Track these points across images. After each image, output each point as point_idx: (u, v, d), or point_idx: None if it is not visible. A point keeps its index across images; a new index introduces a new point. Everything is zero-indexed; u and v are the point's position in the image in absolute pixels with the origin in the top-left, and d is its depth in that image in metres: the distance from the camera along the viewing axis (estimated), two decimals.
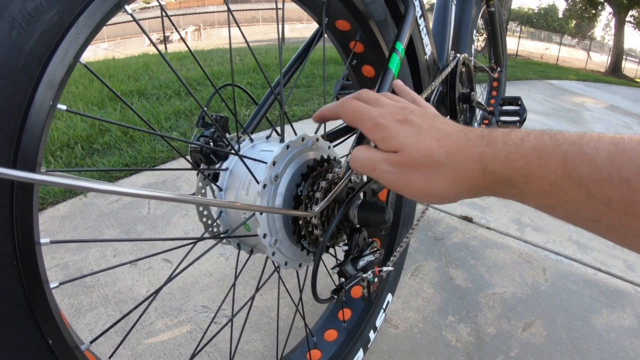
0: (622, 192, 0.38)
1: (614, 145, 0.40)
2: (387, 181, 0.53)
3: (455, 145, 0.49)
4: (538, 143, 0.44)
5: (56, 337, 0.49)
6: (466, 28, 1.90)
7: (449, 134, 0.50)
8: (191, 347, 1.24)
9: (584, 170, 0.40)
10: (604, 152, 0.40)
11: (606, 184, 0.39)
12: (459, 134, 0.50)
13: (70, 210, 1.91)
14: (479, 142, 0.47)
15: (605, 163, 0.39)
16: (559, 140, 0.43)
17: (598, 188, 0.40)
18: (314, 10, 0.93)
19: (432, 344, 1.32)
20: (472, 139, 0.48)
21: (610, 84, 11.13)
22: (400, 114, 0.53)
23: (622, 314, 1.55)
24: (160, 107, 3.32)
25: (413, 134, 0.51)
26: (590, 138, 0.41)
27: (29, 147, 0.43)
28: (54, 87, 0.44)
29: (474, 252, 1.82)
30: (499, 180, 0.47)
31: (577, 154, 0.41)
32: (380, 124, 0.52)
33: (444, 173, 0.49)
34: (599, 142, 0.41)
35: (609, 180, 0.39)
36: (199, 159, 0.73)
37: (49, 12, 0.42)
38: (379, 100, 0.58)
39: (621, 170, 0.38)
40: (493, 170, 0.46)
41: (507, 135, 0.47)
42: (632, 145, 0.39)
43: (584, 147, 0.41)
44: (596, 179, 0.40)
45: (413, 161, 0.50)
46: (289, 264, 0.70)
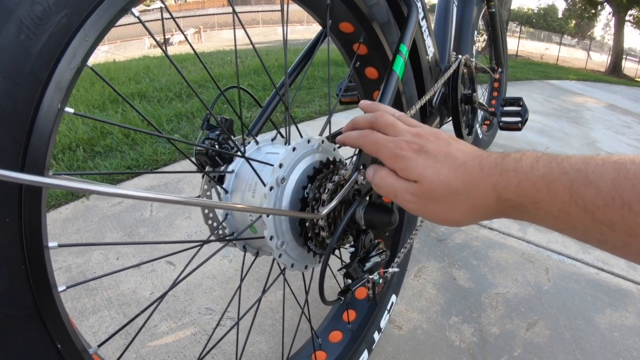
0: (624, 216, 0.41)
1: (616, 171, 0.42)
2: (408, 209, 0.57)
3: (471, 175, 0.52)
4: (546, 171, 0.47)
5: (65, 341, 0.49)
6: (467, 29, 1.90)
7: (464, 162, 0.53)
8: (195, 350, 1.24)
9: (589, 196, 0.43)
10: (608, 178, 0.42)
11: (610, 209, 0.42)
12: (473, 162, 0.53)
13: (73, 213, 1.91)
14: (492, 171, 0.51)
15: (609, 188, 0.42)
16: (565, 168, 0.46)
17: (602, 213, 0.42)
18: (318, 13, 0.93)
19: (436, 345, 1.32)
20: (486, 167, 0.51)
21: (611, 83, 11.12)
22: (417, 144, 0.56)
23: (625, 313, 1.55)
24: (161, 109, 3.32)
25: (430, 164, 0.54)
26: (595, 164, 0.44)
27: (38, 151, 0.43)
28: (62, 90, 0.44)
29: (477, 253, 1.82)
30: (512, 207, 0.50)
31: (582, 181, 0.44)
32: (399, 155, 0.56)
33: (461, 202, 0.53)
34: (603, 167, 0.43)
35: (612, 205, 0.42)
36: (204, 162, 0.73)
37: (57, 15, 0.42)
38: (395, 127, 0.60)
39: (623, 195, 0.41)
40: (506, 197, 0.50)
41: (518, 162, 0.49)
42: (634, 171, 0.41)
43: (589, 175, 0.44)
44: (600, 204, 0.42)
45: (432, 192, 0.53)
46: (295, 266, 0.70)
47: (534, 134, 3.71)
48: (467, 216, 0.54)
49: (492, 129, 2.94)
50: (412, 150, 0.55)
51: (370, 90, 1.14)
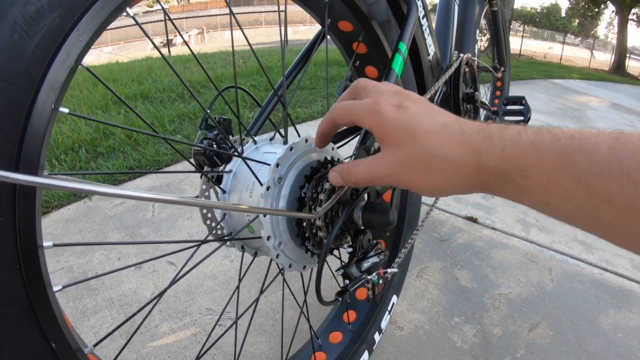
0: (623, 187, 0.37)
1: (614, 139, 0.39)
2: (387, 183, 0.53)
3: (450, 138, 0.48)
4: (536, 137, 0.43)
5: (59, 340, 0.49)
6: (469, 28, 1.89)
7: (444, 124, 0.49)
8: (196, 350, 1.24)
9: (582, 164, 0.39)
10: (604, 146, 0.39)
11: (606, 178, 0.38)
12: (454, 125, 0.49)
13: (75, 213, 1.92)
14: (474, 136, 0.47)
15: (605, 157, 0.38)
16: (557, 135, 0.42)
17: (597, 183, 0.38)
18: (316, 12, 0.93)
19: (438, 346, 1.32)
20: (467, 131, 0.47)
21: (614, 82, 11.08)
22: (396, 99, 0.52)
23: (629, 313, 1.54)
24: (164, 110, 3.33)
25: (407, 124, 0.49)
26: (590, 133, 0.41)
27: (32, 150, 0.43)
28: (56, 90, 0.44)
29: (479, 253, 1.82)
30: (494, 175, 0.46)
31: (575, 147, 0.40)
32: (377, 111, 0.51)
33: (439, 168, 0.48)
34: (599, 136, 0.40)
35: (608, 174, 0.38)
36: (202, 162, 0.73)
37: (50, 15, 0.42)
38: (377, 87, 0.56)
39: (621, 163, 0.37)
40: (488, 164, 0.45)
41: (504, 129, 0.46)
42: (633, 140, 0.38)
43: (584, 141, 0.40)
44: (595, 173, 0.39)
45: (408, 157, 0.49)
46: (293, 266, 0.69)
47: None
48: (447, 184, 0.49)
49: None
50: (390, 105, 0.51)
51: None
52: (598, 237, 0.43)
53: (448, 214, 2.14)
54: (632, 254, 1.89)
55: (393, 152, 0.50)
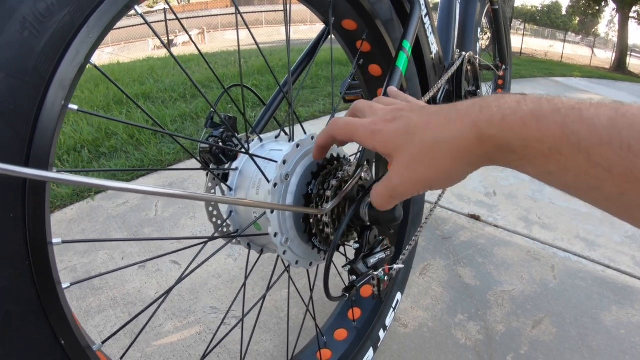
0: (623, 157, 0.37)
1: (614, 110, 0.39)
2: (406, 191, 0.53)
3: (445, 119, 0.48)
4: (535, 107, 0.43)
5: (68, 337, 0.49)
6: (471, 26, 1.89)
7: (438, 110, 0.49)
8: (201, 349, 1.24)
9: (583, 133, 0.39)
10: (604, 116, 0.39)
11: (606, 148, 0.38)
12: (448, 109, 0.49)
13: (78, 213, 1.92)
14: (470, 110, 0.46)
15: (605, 127, 0.38)
16: (557, 105, 0.42)
17: (598, 152, 0.38)
18: (320, 10, 0.93)
19: (442, 343, 1.32)
20: (462, 108, 0.47)
21: (616, 80, 11.07)
22: (390, 115, 0.53)
23: (632, 310, 1.54)
24: (166, 110, 3.33)
25: (404, 129, 0.50)
26: (589, 104, 0.41)
27: (42, 147, 0.43)
28: (65, 87, 0.44)
29: (482, 250, 1.82)
30: (497, 146, 0.45)
31: (576, 117, 0.40)
32: (374, 131, 0.53)
33: (442, 152, 0.48)
34: (599, 107, 0.40)
35: (609, 144, 0.38)
36: (208, 159, 0.73)
37: (60, 13, 0.42)
38: (372, 108, 0.57)
39: (622, 133, 0.37)
40: (490, 134, 0.45)
41: (501, 99, 0.45)
42: (633, 111, 0.38)
43: (584, 112, 0.40)
44: (596, 142, 0.38)
45: (411, 157, 0.49)
46: (299, 263, 0.70)
47: None
48: (454, 167, 0.48)
49: None
50: (387, 121, 0.52)
51: (374, 88, 1.14)
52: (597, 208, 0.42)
53: (451, 211, 2.15)
54: (635, 250, 1.90)
55: (399, 160, 0.51)
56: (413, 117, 0.51)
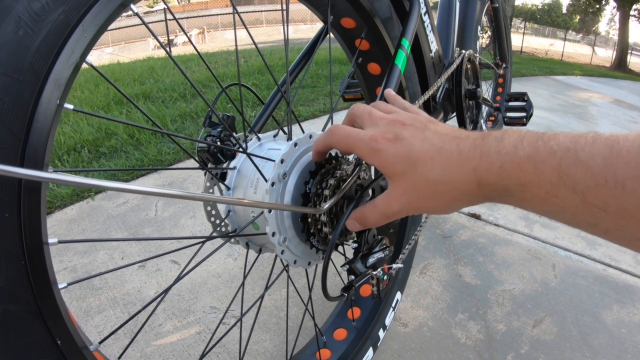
0: (618, 196, 0.38)
1: (608, 148, 0.39)
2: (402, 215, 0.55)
3: (449, 160, 0.49)
4: (532, 150, 0.44)
5: (65, 337, 0.49)
6: (470, 24, 1.89)
7: (440, 147, 0.50)
8: (200, 348, 1.24)
9: (578, 176, 0.40)
10: (599, 156, 0.39)
11: (602, 189, 0.39)
12: (450, 146, 0.50)
13: (78, 213, 1.92)
14: (472, 154, 0.48)
15: (600, 167, 0.39)
16: (552, 147, 0.43)
17: (593, 193, 0.39)
18: (319, 9, 0.92)
19: (442, 342, 1.31)
20: (465, 150, 0.48)
21: (616, 78, 11.05)
22: (391, 132, 0.53)
23: (633, 309, 1.53)
24: (166, 109, 3.33)
25: (406, 156, 0.51)
26: (585, 142, 0.41)
27: (37, 146, 0.43)
28: (60, 86, 0.44)
29: (483, 249, 1.82)
30: (495, 191, 0.47)
31: (571, 160, 0.41)
32: (375, 149, 0.53)
33: (442, 191, 0.50)
34: (594, 146, 0.40)
35: (604, 185, 0.39)
36: (206, 159, 0.73)
37: (55, 11, 0.42)
38: (371, 116, 0.57)
39: (616, 173, 0.38)
40: (489, 182, 0.47)
41: (501, 142, 0.46)
42: (627, 147, 0.38)
43: (579, 153, 0.41)
44: (591, 184, 0.39)
45: (412, 189, 0.51)
46: (298, 263, 0.69)
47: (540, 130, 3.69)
48: (451, 204, 0.51)
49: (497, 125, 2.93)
50: (388, 140, 0.52)
51: (373, 86, 1.14)
52: None
53: None
54: None
55: (399, 186, 0.52)
56: (415, 145, 0.51)
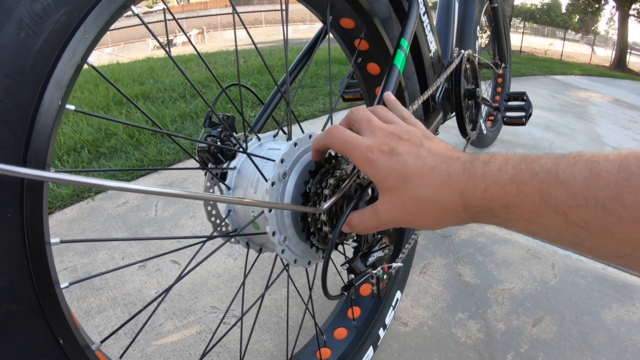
0: (599, 216, 0.39)
1: (588, 169, 0.41)
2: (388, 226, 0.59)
3: (438, 181, 0.51)
4: (515, 173, 0.45)
5: (67, 337, 0.49)
6: (470, 24, 1.90)
7: (432, 167, 0.52)
8: (201, 348, 1.24)
9: (560, 197, 0.42)
10: (579, 177, 0.41)
11: (582, 209, 0.40)
12: (441, 167, 0.52)
13: (78, 213, 1.92)
14: (459, 177, 0.50)
15: (581, 188, 0.40)
16: (535, 169, 0.44)
17: (574, 213, 0.41)
18: (318, 9, 0.93)
19: (442, 341, 1.32)
20: (454, 173, 0.50)
21: (616, 78, 11.04)
22: (387, 145, 0.55)
23: (632, 308, 1.54)
24: (165, 110, 3.33)
25: (399, 172, 0.53)
26: (566, 163, 0.42)
27: (39, 147, 0.43)
28: (62, 87, 0.44)
29: (482, 249, 1.82)
30: (480, 212, 0.49)
31: (553, 182, 0.42)
32: (370, 161, 0.55)
33: (431, 210, 0.52)
34: (575, 166, 0.42)
35: (584, 205, 0.40)
36: (206, 159, 0.73)
37: (57, 13, 0.42)
38: (369, 124, 0.59)
39: (596, 194, 0.39)
40: (474, 204, 0.49)
41: (487, 166, 0.48)
42: (607, 168, 0.40)
43: (560, 174, 0.42)
44: (572, 205, 0.41)
45: (403, 204, 0.54)
46: (298, 262, 0.70)
47: (539, 130, 3.70)
48: (439, 222, 0.54)
49: (497, 125, 2.94)
50: (382, 152, 0.54)
51: (372, 86, 1.14)
52: None
53: None
54: None
55: (390, 200, 0.55)
56: (409, 161, 0.53)
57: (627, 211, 0.38)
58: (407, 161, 0.53)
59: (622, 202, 0.38)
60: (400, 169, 0.53)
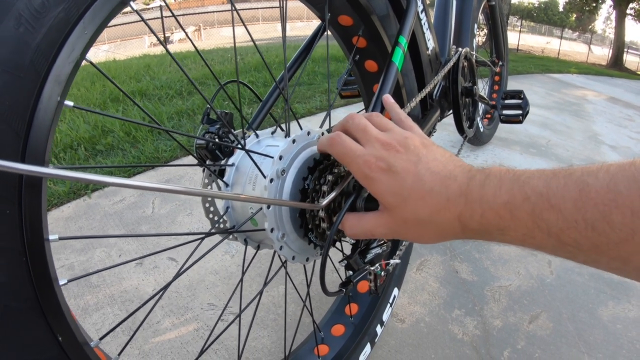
0: (589, 236, 0.41)
1: (578, 191, 0.42)
2: (385, 237, 0.61)
3: (437, 205, 0.53)
4: (509, 197, 0.48)
5: (66, 334, 0.49)
6: (467, 22, 1.90)
7: (430, 189, 0.53)
8: (198, 345, 1.24)
9: (551, 220, 0.44)
10: (570, 200, 0.43)
11: (573, 231, 0.42)
12: (440, 189, 0.53)
13: (75, 211, 1.92)
14: (457, 201, 0.52)
15: (571, 211, 0.42)
16: (527, 193, 0.46)
17: (566, 235, 0.43)
18: (317, 6, 0.93)
19: (439, 338, 1.32)
20: (452, 197, 0.52)
21: (612, 77, 11.06)
22: (384, 162, 0.56)
23: (628, 305, 1.55)
24: (162, 107, 3.32)
25: (397, 191, 0.54)
26: (556, 185, 0.44)
27: (37, 143, 0.43)
28: (61, 83, 0.44)
29: (479, 246, 1.82)
30: (477, 234, 0.52)
31: (544, 206, 0.44)
32: (368, 177, 0.56)
33: (429, 229, 0.55)
34: (565, 188, 0.43)
35: (575, 227, 0.42)
36: (204, 156, 0.73)
37: (56, 9, 0.42)
38: (365, 133, 0.60)
39: (586, 216, 0.41)
40: (471, 227, 0.51)
41: (482, 189, 0.50)
42: (596, 188, 0.41)
43: (551, 198, 0.44)
44: (563, 227, 0.43)
45: (401, 222, 0.56)
46: (296, 258, 0.70)
47: (536, 128, 3.70)
48: (436, 240, 0.56)
49: (494, 123, 2.94)
50: (380, 169, 0.55)
51: (370, 84, 1.14)
52: None
53: None
54: None
55: (390, 216, 0.56)
56: (407, 181, 0.54)
57: (616, 232, 0.40)
58: (405, 180, 0.54)
59: (610, 224, 0.40)
60: (399, 187, 0.54)
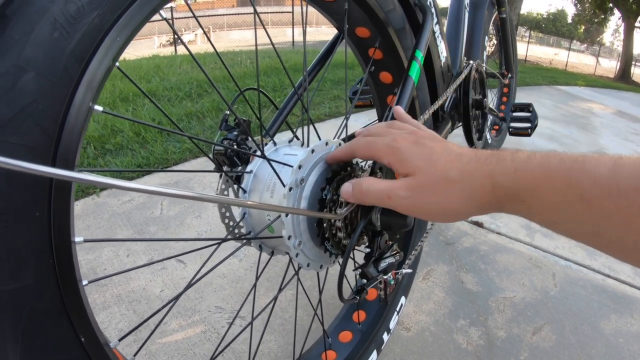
0: (621, 206, 0.41)
1: (613, 162, 0.43)
2: (403, 206, 0.56)
3: (467, 164, 0.52)
4: (544, 160, 0.47)
5: (88, 335, 0.50)
6: (478, 34, 1.91)
7: (460, 153, 0.54)
8: (205, 347, 1.25)
9: (586, 185, 0.43)
10: (604, 167, 0.43)
11: (606, 198, 0.42)
12: (469, 154, 0.53)
13: (83, 209, 1.93)
14: (489, 160, 0.51)
15: (605, 178, 0.42)
16: (563, 158, 0.46)
17: (598, 202, 0.42)
18: (335, 17, 0.94)
19: (443, 347, 1.33)
20: (482, 157, 0.52)
21: (620, 90, 11.05)
22: (412, 137, 0.57)
23: (630, 319, 1.55)
24: (172, 108, 3.34)
25: (427, 155, 0.54)
26: (591, 157, 0.45)
27: (68, 147, 0.44)
28: (93, 88, 0.45)
29: (485, 257, 1.83)
30: (507, 195, 0.50)
31: (579, 170, 0.44)
32: (395, 147, 0.56)
33: (458, 191, 0.52)
34: (600, 160, 0.44)
35: (608, 195, 0.42)
36: (222, 161, 0.74)
37: (90, 15, 0.43)
38: (390, 127, 0.61)
39: (620, 184, 0.41)
40: (503, 185, 0.49)
41: (515, 153, 0.50)
42: (630, 163, 0.42)
43: (586, 164, 0.44)
44: (597, 193, 0.42)
45: (429, 183, 0.53)
46: (311, 266, 0.71)
47: (542, 140, 3.71)
48: (464, 206, 0.53)
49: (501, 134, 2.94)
50: (408, 142, 0.56)
51: (384, 95, 1.15)
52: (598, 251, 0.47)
53: None
54: None
55: (414, 178, 0.54)
56: (436, 148, 0.54)
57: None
58: (434, 147, 0.55)
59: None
60: (428, 153, 0.54)
